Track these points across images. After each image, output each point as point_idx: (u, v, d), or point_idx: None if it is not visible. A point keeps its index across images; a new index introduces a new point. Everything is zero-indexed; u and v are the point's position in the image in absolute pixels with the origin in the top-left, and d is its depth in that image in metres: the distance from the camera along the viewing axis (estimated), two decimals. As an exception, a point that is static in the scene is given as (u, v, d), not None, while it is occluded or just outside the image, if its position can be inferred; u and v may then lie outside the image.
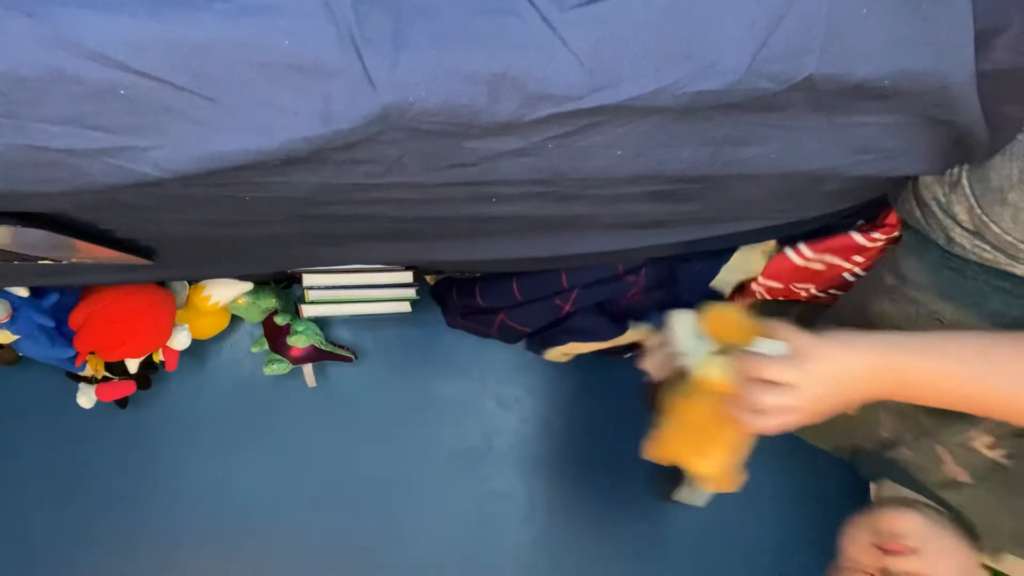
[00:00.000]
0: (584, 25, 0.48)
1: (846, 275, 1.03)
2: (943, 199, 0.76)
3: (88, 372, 1.42)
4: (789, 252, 1.03)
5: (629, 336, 1.28)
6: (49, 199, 0.55)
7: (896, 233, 0.92)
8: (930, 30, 0.52)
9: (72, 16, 0.44)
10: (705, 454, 0.86)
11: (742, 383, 0.75)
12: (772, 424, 0.75)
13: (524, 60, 0.49)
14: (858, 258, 0.99)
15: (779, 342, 0.74)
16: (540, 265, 1.16)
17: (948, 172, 0.74)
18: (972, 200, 0.71)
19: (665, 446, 0.89)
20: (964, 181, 0.72)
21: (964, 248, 0.78)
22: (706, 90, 0.52)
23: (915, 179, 0.80)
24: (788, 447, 1.84)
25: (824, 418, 0.75)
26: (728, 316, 0.81)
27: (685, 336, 0.83)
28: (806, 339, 0.74)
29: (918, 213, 0.82)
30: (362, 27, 0.47)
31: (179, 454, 1.68)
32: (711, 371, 0.79)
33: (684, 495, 0.90)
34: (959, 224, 0.76)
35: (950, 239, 0.79)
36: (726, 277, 1.16)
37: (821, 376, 0.72)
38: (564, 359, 1.43)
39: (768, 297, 1.17)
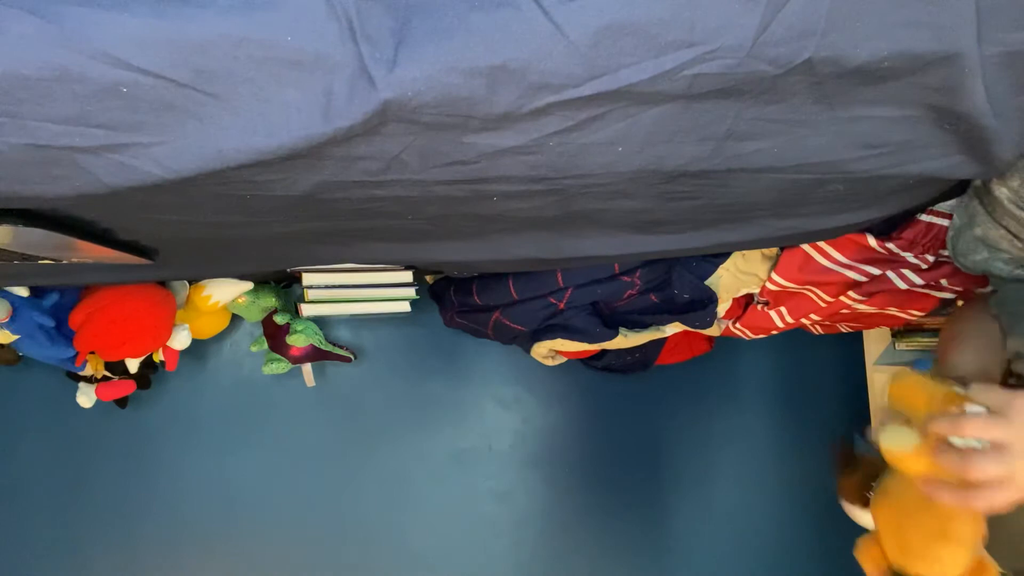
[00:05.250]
0: (584, 16, 0.48)
1: (851, 295, 1.03)
2: None
3: (88, 372, 1.41)
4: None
5: (618, 342, 1.28)
6: (50, 198, 0.55)
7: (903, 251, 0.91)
8: (932, 11, 0.52)
9: (75, 15, 0.44)
10: (932, 556, 0.68)
11: (939, 453, 0.63)
12: (985, 499, 0.60)
13: (523, 52, 0.49)
14: (870, 269, 0.98)
15: (975, 405, 0.63)
16: (540, 266, 1.16)
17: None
18: None
19: (880, 552, 0.73)
20: None
21: None
22: (705, 74, 0.52)
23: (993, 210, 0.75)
24: (788, 451, 1.84)
25: None
26: (912, 382, 0.69)
27: None
28: (1008, 393, 0.63)
29: (1004, 244, 0.76)
30: (363, 24, 0.47)
31: (179, 453, 1.68)
32: (901, 440, 0.66)
33: None
34: None
35: None
36: (729, 283, 1.16)
37: None
38: (549, 362, 1.43)
39: (787, 313, 1.15)
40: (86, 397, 1.43)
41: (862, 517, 0.75)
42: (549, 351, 1.38)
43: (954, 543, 0.67)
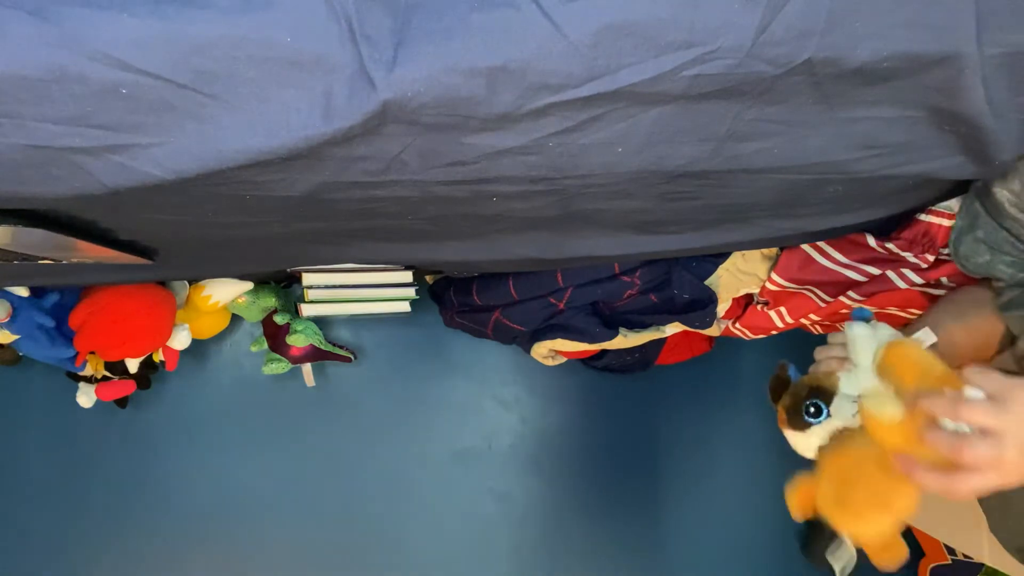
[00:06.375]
0: (584, 16, 0.48)
1: (851, 295, 1.02)
2: None
3: (88, 372, 1.41)
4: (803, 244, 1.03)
5: (618, 342, 1.28)
6: (50, 199, 0.55)
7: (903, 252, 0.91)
8: (932, 12, 0.52)
9: (75, 15, 0.44)
10: (865, 516, 0.69)
11: (928, 432, 0.62)
12: (968, 484, 0.61)
13: (523, 52, 0.49)
14: (869, 269, 0.98)
15: (974, 388, 0.62)
16: (540, 266, 1.16)
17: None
18: None
19: (814, 498, 0.73)
20: None
21: None
22: (704, 74, 0.52)
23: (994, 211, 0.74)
24: (787, 450, 1.84)
25: None
26: (909, 354, 0.69)
27: (865, 351, 0.72)
28: (1007, 380, 0.62)
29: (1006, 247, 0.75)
30: (362, 24, 0.47)
31: (179, 453, 1.68)
32: (887, 409, 0.66)
33: (836, 558, 0.73)
34: None
35: None
36: (729, 283, 1.16)
37: None
38: (549, 362, 1.43)
39: (787, 313, 1.15)
40: (86, 397, 1.43)
41: (797, 442, 0.76)
42: (549, 351, 1.38)
43: (890, 515, 0.68)
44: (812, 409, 0.74)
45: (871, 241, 0.94)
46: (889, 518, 0.68)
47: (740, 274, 1.14)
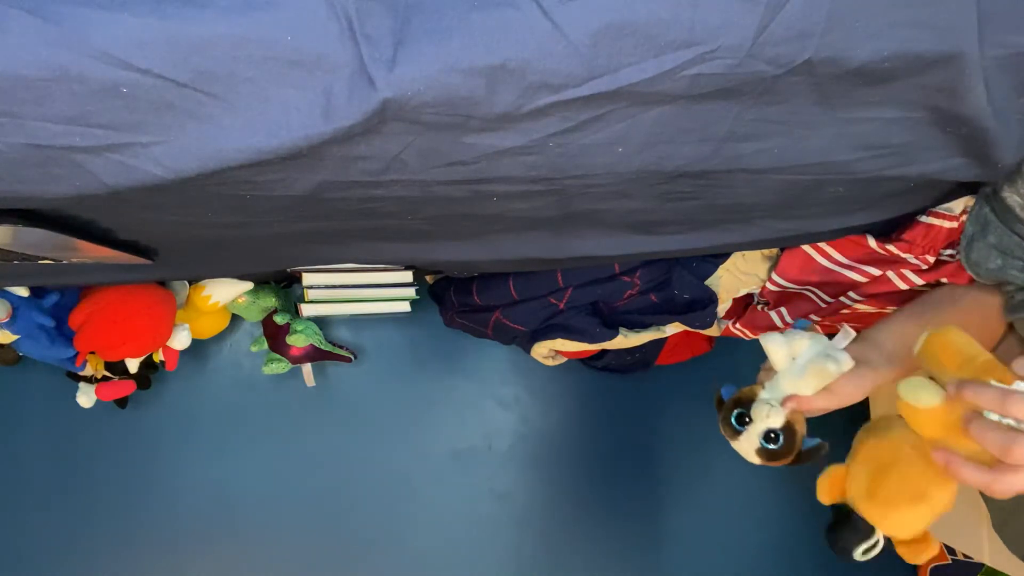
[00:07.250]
0: (584, 16, 0.48)
1: (851, 295, 1.02)
2: None
3: (88, 372, 1.42)
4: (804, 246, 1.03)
5: (618, 342, 1.28)
6: (51, 198, 0.55)
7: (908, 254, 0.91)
8: (933, 12, 0.52)
9: (75, 15, 0.44)
10: (897, 506, 0.66)
11: (974, 424, 0.59)
12: (1011, 483, 0.57)
13: (523, 52, 0.49)
14: (870, 270, 0.98)
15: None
16: (540, 266, 1.16)
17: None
18: None
19: (844, 483, 0.71)
20: None
21: None
22: (705, 74, 0.52)
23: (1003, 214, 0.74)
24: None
25: None
26: (952, 341, 0.65)
27: (780, 358, 0.78)
28: None
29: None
30: (362, 23, 0.47)
31: (178, 454, 1.68)
32: (923, 395, 0.63)
33: (859, 544, 0.68)
34: None
35: None
36: (729, 283, 1.16)
37: None
38: (550, 362, 1.43)
39: (787, 314, 1.15)
40: (86, 397, 1.43)
41: (740, 449, 0.82)
42: (549, 351, 1.38)
43: (925, 508, 0.65)
44: (747, 419, 0.80)
45: (872, 242, 0.95)
46: (923, 510, 0.65)
47: (740, 274, 1.14)
